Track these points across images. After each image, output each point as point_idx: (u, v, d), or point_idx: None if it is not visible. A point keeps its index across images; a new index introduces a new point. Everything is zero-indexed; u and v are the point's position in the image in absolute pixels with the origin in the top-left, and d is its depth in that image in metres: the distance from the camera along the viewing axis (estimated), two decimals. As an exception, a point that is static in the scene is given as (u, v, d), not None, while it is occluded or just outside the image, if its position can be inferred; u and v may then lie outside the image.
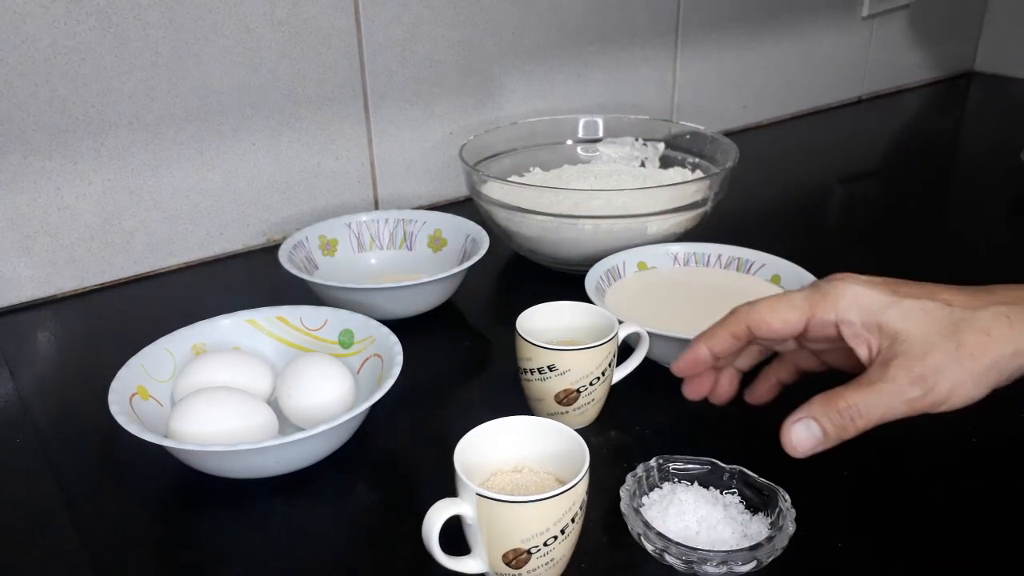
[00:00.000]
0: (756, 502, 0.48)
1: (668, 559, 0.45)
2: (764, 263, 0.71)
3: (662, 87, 1.14)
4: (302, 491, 0.53)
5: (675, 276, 0.72)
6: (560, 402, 0.56)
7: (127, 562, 0.49)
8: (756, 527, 0.47)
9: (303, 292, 0.71)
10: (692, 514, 0.47)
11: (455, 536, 0.44)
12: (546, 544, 0.42)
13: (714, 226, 0.81)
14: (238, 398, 0.54)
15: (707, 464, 0.51)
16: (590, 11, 1.02)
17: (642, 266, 0.73)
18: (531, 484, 0.46)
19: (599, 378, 0.56)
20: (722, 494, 0.49)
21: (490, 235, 0.75)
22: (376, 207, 0.95)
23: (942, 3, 1.42)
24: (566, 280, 0.72)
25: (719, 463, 0.50)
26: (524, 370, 0.57)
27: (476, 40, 0.95)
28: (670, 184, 0.78)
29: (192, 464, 0.52)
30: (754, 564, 0.44)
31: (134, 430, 0.50)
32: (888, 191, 1.06)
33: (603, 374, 0.56)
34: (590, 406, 0.57)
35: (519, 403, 0.59)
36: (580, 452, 0.44)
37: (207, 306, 0.65)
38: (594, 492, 0.46)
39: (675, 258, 0.73)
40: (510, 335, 0.57)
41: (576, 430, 0.46)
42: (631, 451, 0.56)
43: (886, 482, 0.52)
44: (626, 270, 0.72)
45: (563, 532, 0.43)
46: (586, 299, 0.62)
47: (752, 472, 0.49)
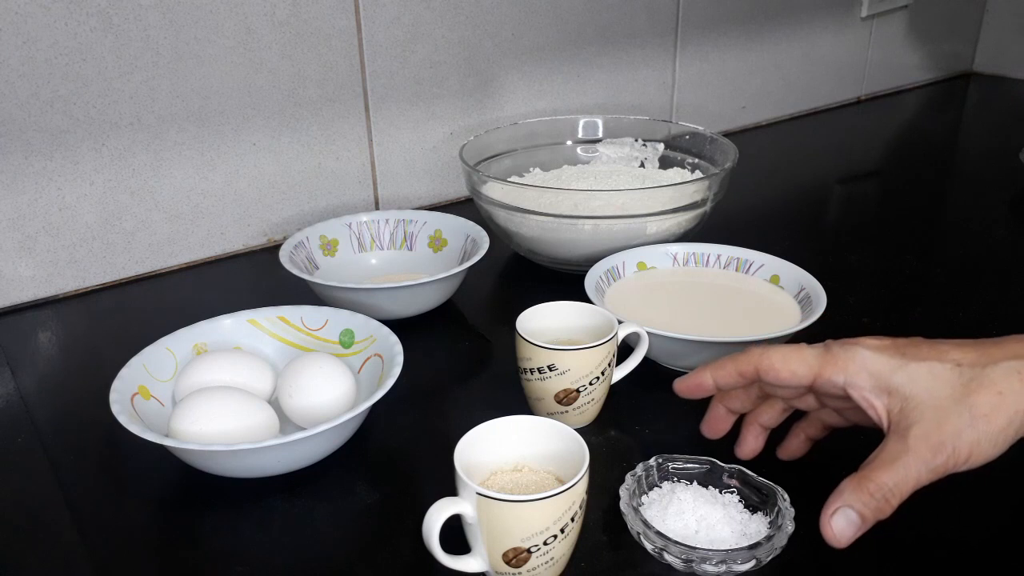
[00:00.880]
0: (755, 501, 0.49)
1: (667, 558, 0.45)
2: (763, 263, 0.71)
3: (661, 87, 1.14)
4: (303, 490, 0.53)
5: (675, 276, 0.72)
6: (560, 402, 0.56)
7: (127, 562, 0.49)
8: (755, 526, 0.47)
9: (304, 292, 0.71)
10: (691, 513, 0.47)
11: (455, 535, 0.44)
12: (546, 543, 0.42)
13: (713, 226, 0.81)
14: (239, 398, 0.55)
15: (706, 463, 0.51)
16: (590, 11, 1.02)
17: (642, 266, 0.73)
18: (531, 483, 0.47)
19: (599, 378, 0.56)
20: (721, 493, 0.49)
21: (490, 235, 0.75)
22: (376, 207, 0.95)
23: (941, 4, 1.42)
24: (566, 280, 0.72)
25: (718, 462, 0.51)
26: (524, 370, 0.57)
27: (476, 40, 0.95)
28: (669, 184, 0.79)
29: (193, 464, 0.52)
30: (753, 563, 0.44)
31: (135, 430, 0.50)
32: (887, 191, 1.06)
33: (603, 374, 0.56)
34: (590, 406, 0.57)
35: (519, 403, 0.59)
36: (580, 451, 0.45)
37: (208, 306, 0.66)
38: (594, 491, 0.46)
39: (675, 258, 0.74)
40: (510, 335, 0.57)
41: (576, 430, 0.46)
42: (631, 450, 0.56)
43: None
44: (626, 270, 0.72)
45: (563, 531, 0.43)
46: (586, 299, 0.62)
47: (751, 471, 0.49)
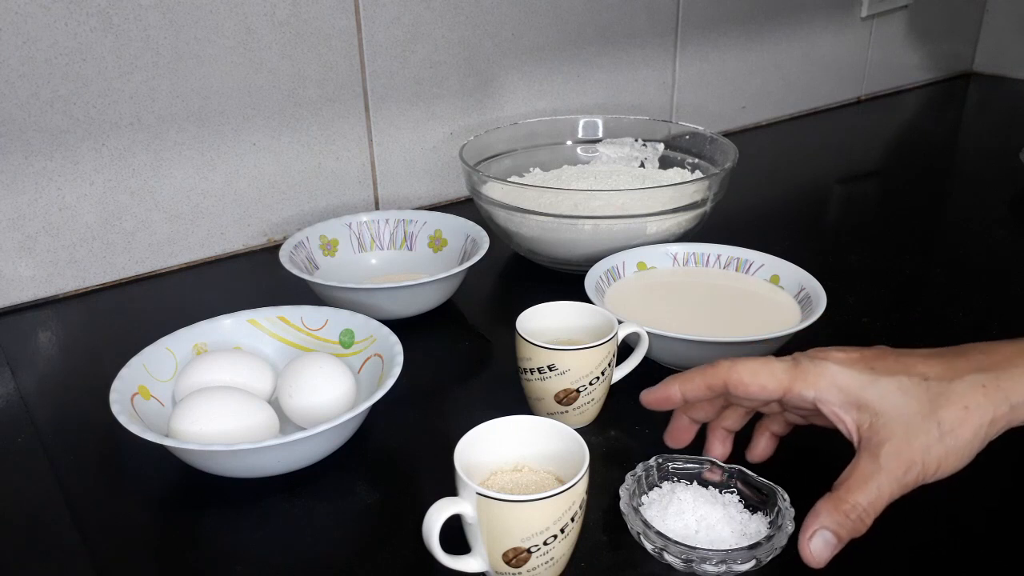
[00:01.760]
0: (755, 501, 0.49)
1: (667, 558, 0.45)
2: (763, 263, 0.71)
3: (661, 87, 1.14)
4: (303, 490, 0.53)
5: (674, 276, 0.72)
6: (560, 402, 0.56)
7: (127, 562, 0.49)
8: (755, 526, 0.47)
9: (304, 292, 0.71)
10: (691, 513, 0.47)
11: (455, 535, 0.44)
12: (546, 543, 0.43)
13: (713, 226, 0.81)
14: (239, 398, 0.55)
15: (706, 463, 0.51)
16: (590, 11, 1.02)
17: (642, 266, 0.73)
18: (531, 483, 0.47)
19: (599, 378, 0.56)
20: (721, 493, 0.49)
21: (490, 235, 0.75)
22: (376, 207, 0.95)
23: (941, 4, 1.42)
24: (566, 280, 0.72)
25: (718, 462, 0.51)
26: (524, 370, 0.57)
27: (476, 40, 0.95)
28: (669, 184, 0.79)
29: (193, 463, 0.52)
30: (753, 563, 0.44)
31: (135, 430, 0.50)
32: (887, 191, 1.06)
33: (603, 374, 0.56)
34: (590, 406, 0.57)
35: (519, 403, 0.59)
36: (580, 451, 0.45)
37: (208, 306, 0.66)
38: (594, 491, 0.46)
39: (675, 258, 0.74)
40: (510, 335, 0.57)
41: (576, 430, 0.46)
42: (631, 451, 0.56)
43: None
44: (626, 270, 0.72)
45: (563, 531, 0.43)
46: (586, 299, 0.62)
47: (751, 471, 0.49)
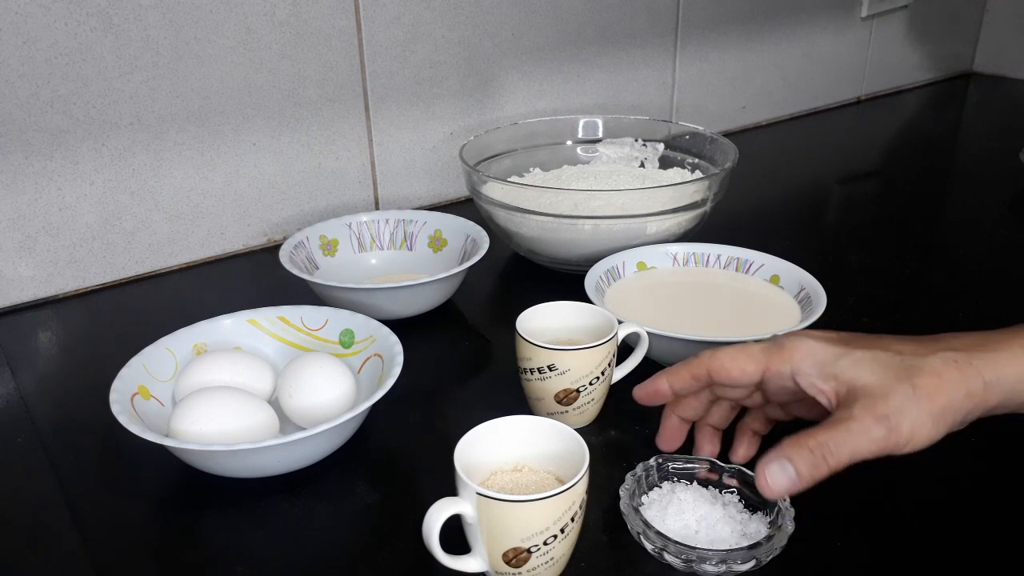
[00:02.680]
0: (755, 501, 0.49)
1: (667, 558, 0.45)
2: (763, 263, 0.71)
3: (661, 87, 1.14)
4: (303, 490, 0.53)
5: (675, 276, 0.72)
6: (560, 402, 0.56)
7: (127, 562, 0.49)
8: (755, 526, 0.47)
9: (304, 292, 0.71)
10: (691, 513, 0.47)
11: (455, 535, 0.44)
12: (546, 543, 0.43)
13: (713, 226, 0.81)
14: (239, 398, 0.55)
15: (706, 463, 0.51)
16: (590, 11, 1.02)
17: (642, 266, 0.73)
18: (531, 483, 0.47)
19: (599, 378, 0.56)
20: (721, 493, 0.49)
21: (490, 235, 0.75)
22: (376, 207, 0.95)
23: (941, 4, 1.42)
24: (566, 280, 0.72)
25: (718, 462, 0.51)
26: (524, 370, 0.57)
27: (476, 40, 0.95)
28: (669, 184, 0.79)
29: (193, 463, 0.52)
30: (753, 563, 0.44)
31: (135, 430, 0.50)
32: (887, 191, 1.06)
33: (603, 374, 0.56)
34: (590, 406, 0.57)
35: (519, 403, 0.59)
36: (580, 451, 0.45)
37: (208, 306, 0.66)
38: (594, 491, 0.46)
39: (675, 258, 0.74)
40: (510, 335, 0.57)
41: (576, 430, 0.46)
42: (631, 451, 0.56)
43: (885, 481, 0.52)
44: (626, 270, 0.72)
45: (563, 531, 0.43)
46: (586, 299, 0.62)
47: (751, 471, 0.49)
